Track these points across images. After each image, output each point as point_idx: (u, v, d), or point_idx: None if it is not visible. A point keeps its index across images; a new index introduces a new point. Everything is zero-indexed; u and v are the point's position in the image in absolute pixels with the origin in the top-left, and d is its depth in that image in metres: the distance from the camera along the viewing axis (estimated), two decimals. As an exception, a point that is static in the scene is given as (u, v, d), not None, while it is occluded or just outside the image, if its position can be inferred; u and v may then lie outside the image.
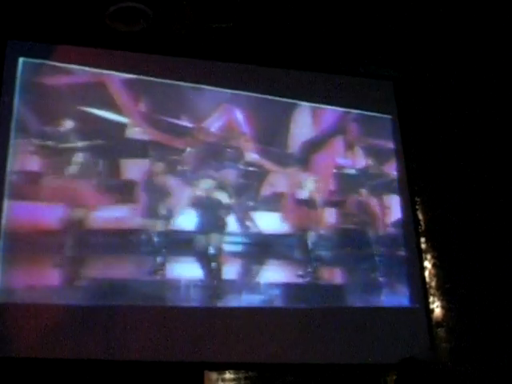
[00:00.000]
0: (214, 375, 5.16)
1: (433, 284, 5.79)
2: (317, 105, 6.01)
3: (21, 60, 5.34)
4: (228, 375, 5.18)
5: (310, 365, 5.28)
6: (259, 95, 5.85)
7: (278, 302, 5.39)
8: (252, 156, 5.70)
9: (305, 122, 5.96)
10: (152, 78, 5.61)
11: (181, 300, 5.19)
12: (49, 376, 4.74)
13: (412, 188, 6.01)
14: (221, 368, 5.19)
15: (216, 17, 5.54)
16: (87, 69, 5.49)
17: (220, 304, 5.25)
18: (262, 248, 5.47)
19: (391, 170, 6.04)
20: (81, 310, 4.93)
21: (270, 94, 5.87)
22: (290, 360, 5.22)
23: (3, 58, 5.29)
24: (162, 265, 5.18)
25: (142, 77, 5.59)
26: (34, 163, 5.17)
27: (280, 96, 5.91)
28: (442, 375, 2.64)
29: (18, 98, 5.24)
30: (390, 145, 6.11)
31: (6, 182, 5.01)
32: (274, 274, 5.43)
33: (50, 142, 5.24)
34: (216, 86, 5.76)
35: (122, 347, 4.91)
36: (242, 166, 5.65)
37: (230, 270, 5.34)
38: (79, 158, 5.27)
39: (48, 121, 5.30)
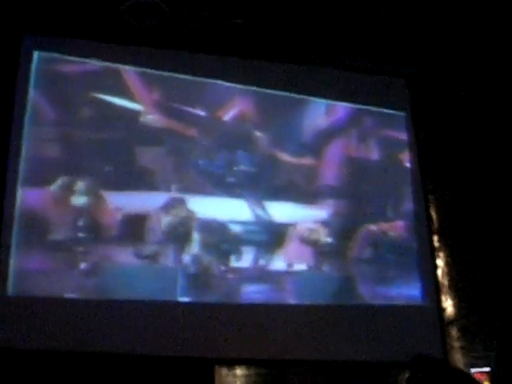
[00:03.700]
0: (224, 371, 5.16)
1: (445, 282, 5.78)
2: (330, 101, 6.00)
3: (36, 54, 5.35)
4: (239, 371, 5.18)
5: (321, 362, 5.27)
6: (273, 91, 5.84)
7: (289, 292, 5.40)
8: (265, 145, 5.71)
9: (318, 113, 5.96)
10: (166, 73, 5.62)
11: (191, 288, 5.19)
12: (61, 369, 4.75)
13: (425, 186, 5.98)
14: (231, 364, 5.19)
15: (231, 12, 5.55)
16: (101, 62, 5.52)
17: (230, 291, 5.26)
18: (273, 237, 5.49)
19: (404, 167, 6.03)
20: (91, 304, 4.94)
21: (283, 90, 5.86)
22: (301, 357, 5.22)
23: (18, 51, 5.30)
24: (176, 252, 5.22)
25: (156, 71, 5.60)
26: (48, 150, 5.19)
27: (293, 92, 5.90)
28: (454, 374, 2.62)
29: (33, 86, 5.26)
30: (404, 141, 6.09)
31: (20, 169, 5.04)
32: (285, 263, 5.44)
33: (64, 129, 5.27)
34: (230, 81, 5.75)
35: (133, 342, 4.91)
36: (255, 156, 5.65)
37: (241, 258, 5.35)
38: (93, 144, 5.28)
39: (62, 108, 5.31)
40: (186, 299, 5.17)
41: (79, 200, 5.12)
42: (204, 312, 5.14)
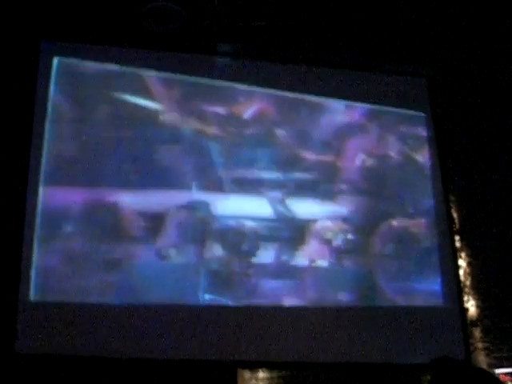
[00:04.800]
0: (247, 374, 5.16)
1: (467, 283, 5.74)
2: (349, 102, 5.98)
3: (55, 60, 5.39)
4: (261, 374, 5.17)
5: (343, 364, 5.26)
6: (291, 94, 5.84)
7: (311, 287, 5.39)
8: (286, 143, 5.71)
9: (338, 112, 5.96)
10: (185, 77, 5.64)
11: (214, 285, 5.19)
12: (83, 374, 4.77)
13: (445, 185, 5.96)
14: (254, 366, 5.19)
15: (248, 15, 5.56)
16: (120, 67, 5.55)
17: (253, 287, 5.26)
18: (295, 233, 5.49)
19: (424, 165, 6.01)
20: (113, 309, 4.96)
21: (302, 92, 5.86)
22: (323, 359, 5.21)
23: (38, 56, 5.34)
24: (198, 250, 5.23)
25: (174, 75, 5.63)
26: (69, 149, 5.21)
27: (313, 94, 5.89)
28: (477, 375, 2.61)
29: (53, 88, 5.31)
30: (424, 140, 6.07)
31: (41, 168, 5.08)
32: (306, 258, 5.45)
33: (84, 129, 5.29)
34: (249, 83, 5.77)
35: (156, 345, 4.92)
36: (275, 153, 5.65)
37: (263, 255, 5.35)
38: (113, 143, 5.32)
39: (82, 108, 5.35)
40: (208, 296, 5.16)
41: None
42: (226, 314, 5.14)
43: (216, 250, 5.26)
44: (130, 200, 5.19)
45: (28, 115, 5.15)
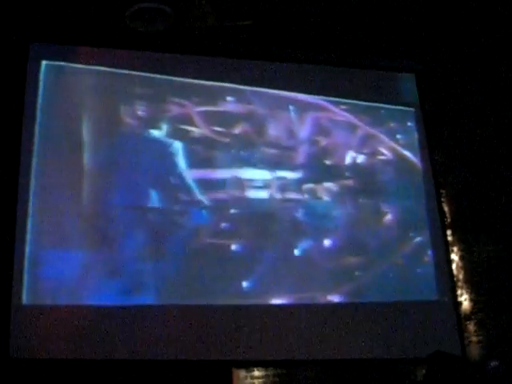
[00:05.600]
0: (242, 373, 5.16)
1: (460, 277, 5.76)
2: (337, 99, 5.99)
3: (43, 63, 5.37)
4: (256, 372, 5.17)
5: (339, 361, 5.27)
6: (279, 92, 5.85)
7: (304, 285, 5.38)
8: (274, 141, 5.72)
9: (325, 108, 5.96)
10: (172, 77, 5.64)
11: (206, 283, 5.19)
12: (77, 377, 4.76)
13: (437, 180, 5.97)
14: (249, 365, 5.19)
15: (235, 15, 5.56)
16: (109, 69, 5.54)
17: (245, 285, 5.26)
18: (287, 230, 5.50)
19: (415, 161, 6.02)
20: (107, 310, 4.95)
21: (290, 90, 5.88)
22: (319, 356, 5.21)
23: (26, 61, 5.33)
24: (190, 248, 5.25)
25: (162, 76, 5.62)
26: (59, 151, 5.19)
27: (300, 91, 5.91)
28: (471, 369, 2.62)
29: (42, 90, 5.29)
30: (414, 136, 6.10)
31: (32, 170, 5.06)
32: (298, 257, 5.45)
33: (73, 132, 5.28)
34: (236, 82, 5.79)
35: (151, 347, 4.91)
36: (264, 151, 5.66)
37: (255, 253, 5.36)
38: (102, 144, 5.32)
39: (71, 111, 5.33)
40: (202, 296, 5.15)
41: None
42: (220, 314, 5.14)
43: (208, 249, 5.26)
44: (124, 199, 5.20)
45: (18, 117, 5.14)
